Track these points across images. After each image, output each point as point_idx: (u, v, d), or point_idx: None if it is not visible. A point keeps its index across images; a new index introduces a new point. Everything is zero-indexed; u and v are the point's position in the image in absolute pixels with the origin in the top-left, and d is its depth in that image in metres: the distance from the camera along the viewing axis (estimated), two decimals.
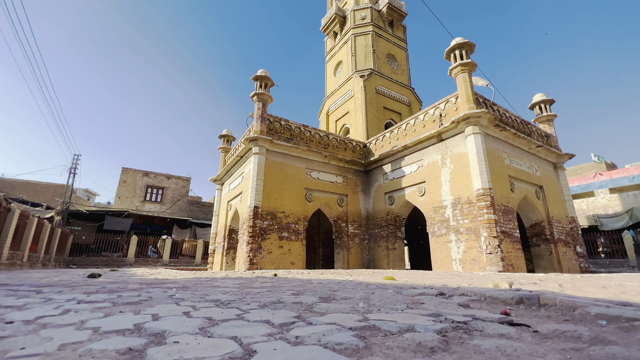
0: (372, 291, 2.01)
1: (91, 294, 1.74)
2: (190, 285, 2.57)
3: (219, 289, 2.22)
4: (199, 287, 2.38)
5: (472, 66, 8.83)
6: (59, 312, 1.22)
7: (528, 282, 2.59)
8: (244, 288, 2.25)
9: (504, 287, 2.17)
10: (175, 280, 3.17)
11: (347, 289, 2.21)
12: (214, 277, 3.84)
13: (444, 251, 8.63)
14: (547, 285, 2.29)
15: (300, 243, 10.08)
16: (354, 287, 2.31)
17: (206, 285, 2.60)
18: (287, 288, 2.24)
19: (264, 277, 4.32)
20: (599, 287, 2.06)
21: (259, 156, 9.71)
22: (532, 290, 1.75)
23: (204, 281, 3.15)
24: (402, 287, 2.27)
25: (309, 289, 2.17)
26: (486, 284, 2.44)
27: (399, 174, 10.71)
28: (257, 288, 2.24)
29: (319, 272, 6.03)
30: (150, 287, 2.28)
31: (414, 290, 2.02)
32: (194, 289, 2.20)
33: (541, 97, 12.06)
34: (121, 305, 1.34)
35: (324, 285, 2.51)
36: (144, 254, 20.48)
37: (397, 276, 4.82)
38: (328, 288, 2.21)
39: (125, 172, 25.61)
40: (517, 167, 9.52)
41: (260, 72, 10.62)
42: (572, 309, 1.13)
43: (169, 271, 6.89)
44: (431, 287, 2.31)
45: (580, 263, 10.31)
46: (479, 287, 2.21)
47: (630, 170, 21.57)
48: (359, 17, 17.28)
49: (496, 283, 2.24)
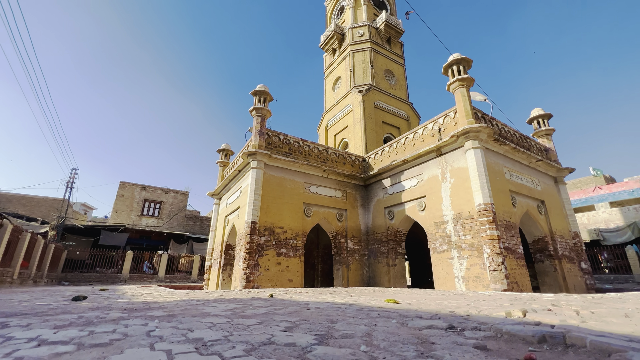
0: (374, 322, 1.83)
1: (61, 329, 1.56)
2: (178, 311, 2.38)
3: (207, 318, 2.04)
4: (186, 314, 2.20)
5: (470, 81, 8.87)
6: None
7: (541, 308, 2.42)
8: (234, 317, 2.07)
9: (517, 315, 1.99)
10: (163, 305, 2.97)
11: (347, 317, 2.03)
12: (206, 300, 3.63)
13: (446, 268, 8.39)
14: (564, 313, 2.12)
15: (298, 259, 9.82)
16: (355, 315, 2.13)
17: (195, 311, 2.41)
18: (281, 317, 2.06)
19: (259, 298, 4.10)
20: (621, 317, 1.89)
21: (257, 170, 9.60)
22: (552, 323, 1.59)
23: (194, 305, 2.95)
24: (406, 316, 2.09)
25: (306, 318, 1.99)
26: (497, 311, 2.27)
27: (398, 188, 10.58)
28: (249, 317, 2.06)
29: (318, 292, 5.79)
30: (133, 315, 2.09)
31: (420, 321, 1.85)
32: (181, 317, 2.02)
33: (539, 111, 12.12)
34: (87, 348, 1.17)
35: (322, 312, 2.33)
36: (140, 270, 20.04)
37: (399, 297, 4.60)
38: (326, 317, 2.03)
39: (123, 186, 25.45)
40: (518, 181, 9.42)
41: (259, 87, 10.67)
42: (607, 353, 0.98)
43: (162, 290, 6.63)
44: (438, 315, 2.14)
45: (586, 280, 10.04)
46: (490, 315, 2.04)
47: (630, 184, 21.53)
48: (357, 34, 17.62)
49: (508, 311, 2.07)
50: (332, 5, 20.83)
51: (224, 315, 2.10)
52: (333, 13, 20.71)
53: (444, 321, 1.80)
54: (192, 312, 2.30)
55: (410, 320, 1.87)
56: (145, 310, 2.44)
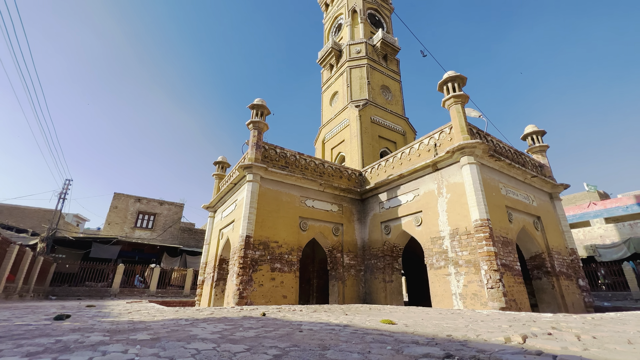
0: (368, 348, 1.74)
1: (34, 357, 1.46)
2: (164, 334, 2.26)
3: (193, 342, 1.93)
4: (172, 338, 2.09)
5: (464, 98, 9.01)
6: None
7: (541, 332, 2.34)
8: (222, 341, 1.97)
9: (516, 341, 1.91)
10: (149, 325, 2.83)
11: (340, 342, 1.93)
12: (195, 319, 3.49)
13: (444, 285, 8.26)
14: (565, 338, 2.04)
15: (293, 275, 9.63)
16: (348, 340, 2.03)
17: (182, 334, 2.30)
18: (271, 342, 1.96)
19: (250, 317, 3.96)
20: (623, 343, 1.82)
21: (252, 184, 9.53)
22: (553, 351, 1.51)
23: (182, 326, 2.83)
24: (402, 341, 2.00)
25: (296, 343, 1.90)
26: (496, 336, 2.18)
27: (395, 202, 10.54)
28: (237, 342, 1.95)
29: (312, 310, 5.64)
30: (115, 339, 1.98)
31: (416, 348, 1.76)
32: (165, 342, 1.91)
33: (532, 128, 12.30)
34: None
35: (314, 336, 2.22)
36: (131, 284, 19.55)
37: (395, 316, 4.48)
38: (318, 342, 1.94)
39: (117, 198, 25.16)
40: (514, 197, 9.43)
41: (256, 101, 10.75)
42: None
43: (151, 307, 6.42)
44: (435, 340, 2.05)
45: (584, 297, 9.93)
46: (489, 341, 1.96)
47: (624, 200, 21.73)
48: (354, 51, 18.01)
49: (507, 336, 1.99)
50: (330, 23, 21.38)
51: (211, 340, 1.99)
52: (331, 30, 21.23)
53: (441, 348, 1.71)
54: (178, 335, 2.19)
55: (405, 347, 1.78)
56: (129, 332, 2.32)
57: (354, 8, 19.44)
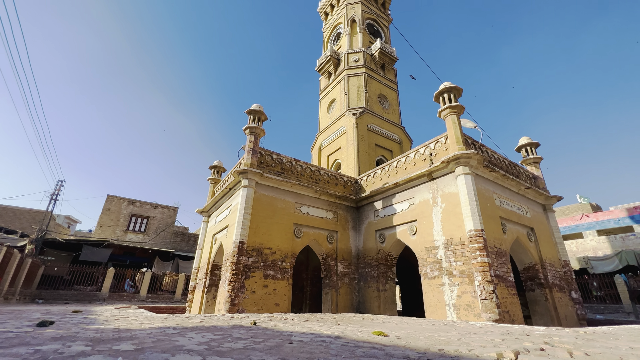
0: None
1: None
2: (149, 344, 2.19)
3: (179, 354, 1.87)
4: (157, 348, 2.02)
5: (460, 109, 9.11)
6: None
7: (533, 347, 2.31)
8: (209, 353, 1.91)
9: (509, 357, 1.88)
10: (135, 334, 2.75)
11: (330, 356, 1.89)
12: (183, 328, 3.40)
13: (437, 295, 8.21)
14: (557, 355, 2.02)
15: (286, 282, 9.52)
16: (338, 353, 1.99)
17: (168, 344, 2.23)
18: (258, 355, 1.91)
19: (241, 326, 3.88)
20: None
21: (247, 189, 9.47)
22: None
23: (169, 335, 2.75)
24: (393, 355, 1.96)
25: (285, 357, 1.85)
26: (488, 351, 2.15)
27: (390, 211, 10.54)
28: (224, 354, 1.90)
29: (304, 319, 5.55)
30: (97, 349, 1.91)
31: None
32: (149, 353, 1.84)
33: (527, 140, 12.45)
34: None
35: (304, 348, 2.17)
36: (121, 288, 19.18)
37: (388, 327, 4.43)
38: (307, 355, 1.89)
39: (110, 200, 24.86)
40: (508, 208, 9.48)
41: (254, 107, 10.76)
42: None
43: (139, 314, 6.28)
44: (426, 354, 2.01)
45: (577, 310, 9.93)
46: (480, 357, 1.92)
47: (615, 212, 21.99)
48: (352, 59, 18.21)
49: (500, 352, 1.96)
50: (330, 31, 21.64)
51: (197, 351, 1.94)
52: (330, 39, 21.48)
53: None
54: (163, 345, 2.12)
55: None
56: (113, 341, 2.25)
57: (353, 18, 19.72)
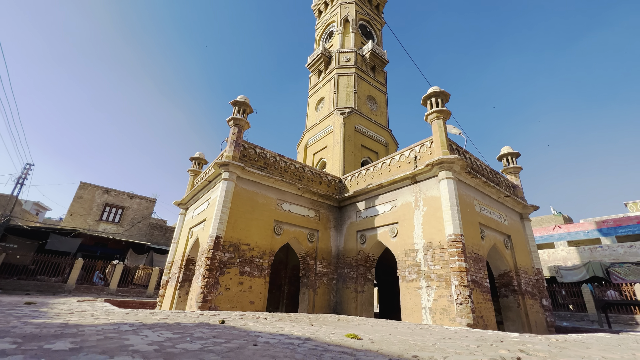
0: None
1: None
2: (91, 343, 1.93)
3: (118, 357, 1.63)
4: (98, 349, 1.77)
5: (446, 114, 9.15)
6: None
7: (510, 355, 2.22)
8: (157, 355, 1.68)
9: None
10: (82, 331, 2.47)
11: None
12: (142, 324, 3.13)
13: (414, 298, 8.19)
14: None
15: (263, 280, 9.25)
16: (304, 357, 1.81)
17: (114, 343, 1.98)
18: (214, 358, 1.70)
19: (207, 324, 3.64)
20: None
21: (228, 182, 9.15)
22: None
23: (122, 333, 2.49)
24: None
25: (248, 358, 1.65)
26: (464, 358, 2.04)
27: (372, 212, 10.47)
28: (174, 357, 1.68)
29: (277, 318, 5.34)
30: (22, 348, 1.64)
31: None
32: (84, 354, 1.60)
33: (508, 149, 12.73)
34: None
35: (267, 351, 1.98)
36: (89, 280, 18.26)
37: (363, 329, 4.29)
38: (271, 356, 1.70)
39: (83, 188, 23.67)
40: (487, 215, 9.61)
41: (239, 98, 10.43)
42: None
43: (101, 307, 5.87)
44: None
45: (547, 317, 10.20)
46: None
47: (585, 225, 22.99)
48: (343, 59, 18.11)
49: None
50: (322, 29, 21.47)
51: (143, 353, 1.71)
52: (322, 37, 21.31)
53: None
54: (107, 345, 1.88)
55: None
56: (49, 339, 1.97)
57: (347, 17, 19.64)
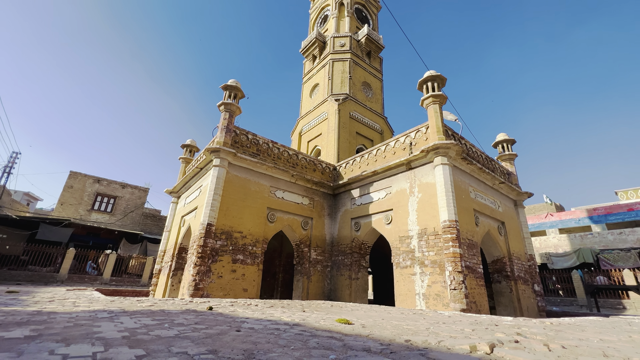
0: (308, 354, 1.39)
1: None
2: (54, 330, 1.77)
3: (73, 346, 1.47)
4: (57, 336, 1.61)
5: (443, 99, 8.94)
6: None
7: (507, 339, 2.12)
8: (117, 345, 1.51)
9: (483, 351, 1.66)
10: (54, 318, 2.30)
11: (276, 347, 1.57)
12: (122, 312, 2.97)
13: (408, 284, 8.17)
14: (534, 348, 1.83)
15: (256, 267, 9.15)
16: (287, 344, 1.67)
17: (80, 331, 1.82)
18: (183, 345, 1.55)
19: (193, 311, 3.50)
20: (599, 356, 1.62)
21: (219, 169, 8.91)
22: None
23: (95, 320, 2.33)
24: (351, 347, 1.67)
25: (217, 348, 1.50)
26: (460, 342, 1.93)
27: (367, 199, 10.35)
28: (136, 346, 1.51)
29: (269, 305, 5.23)
30: None
31: (366, 357, 1.43)
32: (35, 344, 1.43)
33: (504, 136, 12.61)
34: None
35: (249, 337, 1.84)
36: (82, 270, 18.04)
37: (355, 314, 4.20)
38: (246, 348, 1.55)
39: (73, 177, 23.17)
40: (482, 201, 9.55)
41: (230, 82, 10.08)
42: None
43: (88, 296, 5.72)
44: (390, 346, 1.74)
45: (538, 302, 10.32)
46: (452, 350, 1.69)
47: (576, 213, 23.30)
48: (338, 44, 17.64)
49: (473, 344, 1.74)
50: (317, 13, 20.85)
51: (108, 339, 1.54)
52: (317, 21, 20.71)
53: (396, 357, 1.40)
54: (72, 332, 1.71)
55: (353, 356, 1.45)
56: (10, 326, 1.80)
57: (342, 0, 19.05)
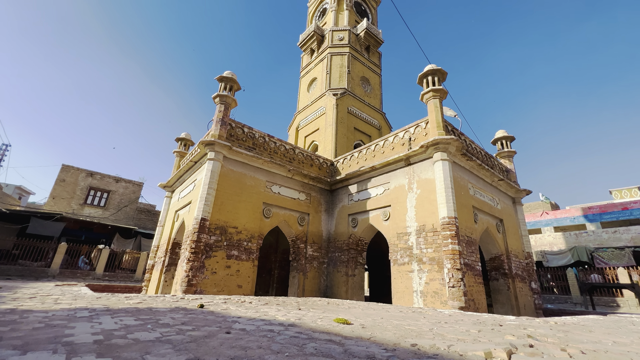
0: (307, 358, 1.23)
1: None
2: (18, 333, 1.58)
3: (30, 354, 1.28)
4: (18, 340, 1.43)
5: (443, 93, 8.78)
6: None
7: (520, 343, 1.97)
8: (90, 350, 1.34)
9: (500, 357, 1.51)
10: (21, 318, 2.11)
11: (267, 355, 1.40)
12: (106, 310, 2.78)
13: (406, 281, 8.05)
14: (553, 354, 1.68)
15: (251, 264, 8.98)
16: (281, 350, 1.50)
17: (47, 333, 1.63)
18: (161, 351, 1.37)
19: (183, 309, 3.31)
20: None
21: (214, 162, 8.68)
22: None
23: (71, 320, 2.14)
24: (353, 354, 1.51)
25: (200, 356, 1.33)
26: (471, 347, 1.77)
27: (364, 195, 10.20)
28: (109, 353, 1.34)
29: (263, 302, 5.06)
30: None
31: None
32: None
33: (503, 133, 12.50)
34: None
35: (239, 341, 1.67)
36: (74, 265, 17.75)
37: (353, 313, 4.04)
38: (235, 355, 1.38)
39: (65, 170, 22.73)
40: (481, 198, 9.44)
41: (226, 74, 9.81)
42: None
43: (74, 292, 5.51)
44: (396, 351, 1.58)
45: (535, 300, 10.28)
46: (465, 355, 1.54)
47: (571, 211, 23.43)
48: (336, 37, 17.37)
49: (488, 350, 1.58)
50: (315, 6, 20.51)
51: (74, 347, 1.36)
52: (315, 14, 20.38)
53: None
54: (38, 335, 1.53)
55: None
56: None
57: None
